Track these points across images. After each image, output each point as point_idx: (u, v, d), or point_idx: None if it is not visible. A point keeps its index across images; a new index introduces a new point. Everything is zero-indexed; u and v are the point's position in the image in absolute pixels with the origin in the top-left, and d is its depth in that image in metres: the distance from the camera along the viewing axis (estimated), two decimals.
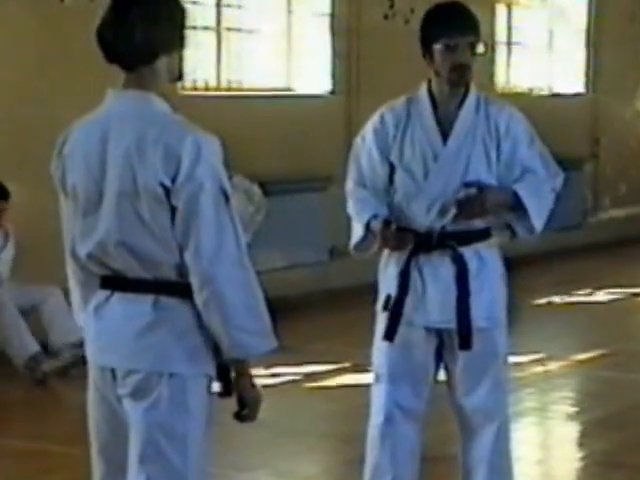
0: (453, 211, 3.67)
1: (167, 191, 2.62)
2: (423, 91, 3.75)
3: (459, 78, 3.66)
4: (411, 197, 3.74)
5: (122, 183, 2.66)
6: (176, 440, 2.68)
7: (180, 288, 2.68)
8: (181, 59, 2.76)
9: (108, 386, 2.75)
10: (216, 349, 2.71)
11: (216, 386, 2.75)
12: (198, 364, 2.70)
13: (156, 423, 2.68)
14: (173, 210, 2.64)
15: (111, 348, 2.74)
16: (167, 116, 2.71)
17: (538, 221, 3.75)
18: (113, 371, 2.74)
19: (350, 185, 3.85)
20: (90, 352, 2.81)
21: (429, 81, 3.75)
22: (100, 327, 2.77)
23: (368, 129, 3.80)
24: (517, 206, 3.71)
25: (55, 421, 5.57)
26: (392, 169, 3.77)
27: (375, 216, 3.73)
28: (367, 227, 3.75)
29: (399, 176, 3.75)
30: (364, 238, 3.78)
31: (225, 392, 2.74)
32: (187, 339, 2.69)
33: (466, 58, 3.63)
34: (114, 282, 2.74)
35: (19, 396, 6.16)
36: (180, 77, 2.79)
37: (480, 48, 3.66)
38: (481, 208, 3.67)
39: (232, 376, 2.73)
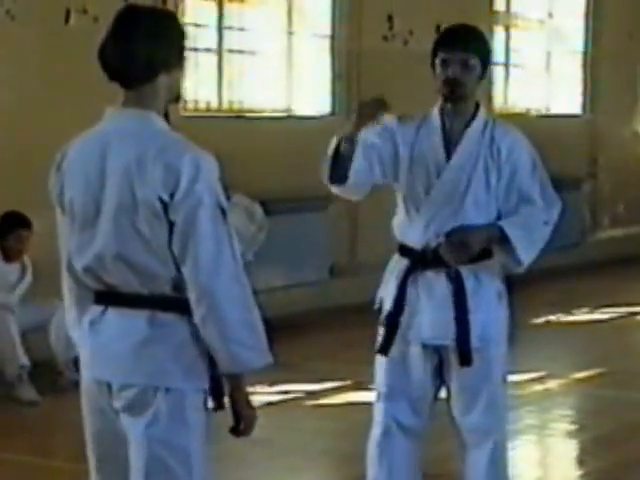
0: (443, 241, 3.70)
1: (165, 206, 2.67)
2: (435, 109, 3.80)
3: (449, 92, 3.71)
4: (412, 212, 3.77)
5: (121, 198, 2.70)
6: (179, 454, 2.72)
7: (176, 303, 2.72)
8: (180, 80, 2.81)
9: (105, 399, 2.78)
10: (209, 363, 2.74)
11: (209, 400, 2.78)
12: (195, 379, 2.74)
13: (158, 439, 2.71)
14: (171, 225, 2.68)
15: (107, 362, 2.77)
16: (167, 134, 2.76)
17: (526, 255, 3.75)
18: (109, 384, 2.77)
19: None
20: (86, 366, 2.84)
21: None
22: (96, 342, 2.80)
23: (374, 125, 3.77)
24: (505, 241, 3.73)
25: (61, 437, 5.58)
26: (397, 166, 3.77)
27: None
28: (339, 143, 3.61)
29: (403, 190, 3.79)
30: (336, 154, 3.63)
31: (217, 406, 2.77)
32: (183, 354, 2.72)
33: (456, 73, 3.68)
34: (108, 297, 2.78)
35: (24, 412, 6.14)
36: (178, 98, 2.85)
37: (471, 62, 3.68)
38: (467, 253, 3.69)
39: (225, 390, 2.76)
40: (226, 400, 2.77)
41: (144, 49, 2.71)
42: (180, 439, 2.71)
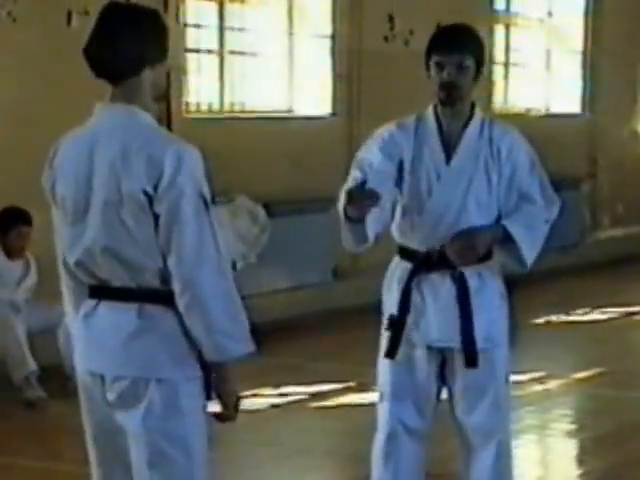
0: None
1: (150, 198, 2.73)
2: (430, 111, 3.81)
3: (446, 96, 3.71)
4: (414, 215, 3.79)
5: (108, 192, 2.76)
6: (179, 443, 2.77)
7: (163, 295, 2.77)
8: (164, 75, 2.87)
9: (99, 392, 2.84)
10: (200, 352, 2.79)
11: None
12: (186, 368, 2.79)
13: (155, 429, 2.77)
14: (156, 217, 2.74)
15: (99, 355, 2.83)
16: (151, 127, 2.83)
17: (530, 255, 3.77)
18: (102, 377, 2.83)
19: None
20: (80, 359, 2.90)
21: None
22: (89, 335, 2.86)
23: (376, 137, 3.80)
24: (508, 240, 3.75)
25: (69, 441, 5.58)
26: (400, 179, 3.79)
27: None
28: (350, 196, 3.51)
29: (405, 193, 3.80)
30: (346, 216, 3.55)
31: (207, 396, 2.82)
32: (173, 344, 2.78)
33: (452, 77, 3.68)
34: (100, 291, 2.84)
35: (29, 416, 6.16)
36: (164, 95, 2.91)
37: (466, 63, 3.67)
38: (474, 255, 3.72)
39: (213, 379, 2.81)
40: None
41: (127, 44, 2.77)
42: (178, 428, 2.77)
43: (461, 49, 3.69)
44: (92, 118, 2.86)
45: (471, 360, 3.74)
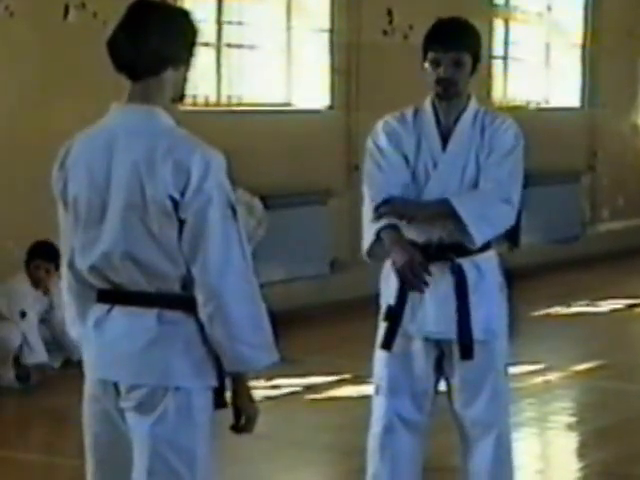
0: None
1: (176, 204, 2.66)
2: (427, 103, 3.81)
3: (443, 91, 3.72)
4: None
5: (130, 196, 2.69)
6: (184, 454, 2.71)
7: (184, 301, 2.71)
8: (186, 78, 2.81)
9: (110, 399, 2.77)
10: (216, 360, 2.74)
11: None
12: (203, 377, 2.73)
13: (163, 438, 2.70)
14: (180, 223, 2.67)
15: (115, 362, 2.75)
16: (174, 131, 2.75)
17: (477, 231, 3.66)
18: (116, 385, 2.76)
19: (367, 168, 3.80)
20: (90, 366, 2.82)
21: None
22: (102, 341, 2.78)
23: (378, 133, 3.81)
24: (457, 216, 3.67)
25: (63, 434, 5.59)
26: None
27: (388, 227, 3.69)
28: (378, 234, 3.71)
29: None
30: (375, 243, 3.74)
31: (219, 403, 2.76)
32: (192, 353, 2.72)
33: (449, 73, 3.68)
34: (114, 296, 2.76)
35: (26, 410, 6.18)
36: (182, 97, 2.84)
37: (462, 60, 3.67)
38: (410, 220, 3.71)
39: (229, 388, 2.76)
40: (227, 397, 2.78)
41: (154, 41, 2.70)
42: (186, 439, 2.71)
43: (457, 45, 3.69)
44: (108, 117, 2.77)
45: (466, 352, 3.72)
